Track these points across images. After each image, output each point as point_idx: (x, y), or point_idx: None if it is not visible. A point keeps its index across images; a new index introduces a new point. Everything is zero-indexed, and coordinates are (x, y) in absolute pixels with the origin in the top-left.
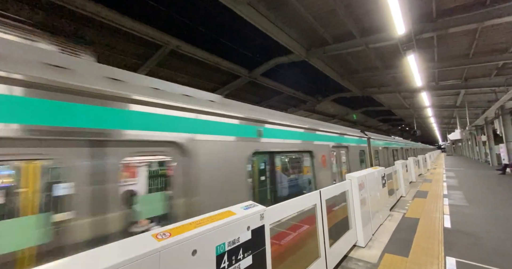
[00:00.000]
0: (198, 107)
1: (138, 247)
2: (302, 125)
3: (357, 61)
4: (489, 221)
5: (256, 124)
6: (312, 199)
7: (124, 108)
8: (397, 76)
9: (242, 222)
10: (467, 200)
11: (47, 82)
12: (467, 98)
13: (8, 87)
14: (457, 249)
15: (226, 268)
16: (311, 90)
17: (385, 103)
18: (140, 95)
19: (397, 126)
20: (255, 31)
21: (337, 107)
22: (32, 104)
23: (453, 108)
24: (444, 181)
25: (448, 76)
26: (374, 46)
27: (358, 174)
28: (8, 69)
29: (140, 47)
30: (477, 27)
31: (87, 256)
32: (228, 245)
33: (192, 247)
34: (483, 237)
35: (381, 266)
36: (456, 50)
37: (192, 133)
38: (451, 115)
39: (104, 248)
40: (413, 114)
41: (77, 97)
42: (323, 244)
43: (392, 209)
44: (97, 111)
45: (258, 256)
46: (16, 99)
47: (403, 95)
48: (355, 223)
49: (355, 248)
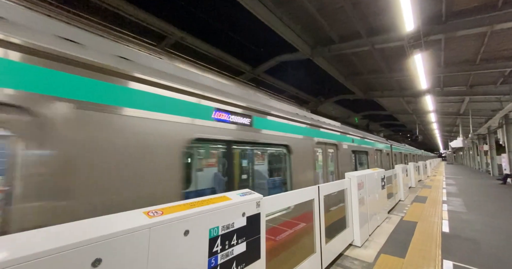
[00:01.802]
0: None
1: (127, 222)
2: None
3: (362, 63)
4: (488, 228)
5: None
6: (311, 193)
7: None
8: (401, 80)
9: (237, 208)
10: (466, 206)
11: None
12: (471, 106)
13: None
14: (455, 253)
15: (219, 252)
16: (313, 90)
17: (388, 107)
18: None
19: (398, 132)
20: (260, 26)
21: (339, 109)
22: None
23: (456, 116)
24: (443, 188)
25: (454, 82)
26: (380, 47)
27: (358, 173)
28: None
29: (144, 38)
30: (486, 31)
31: (73, 226)
32: (222, 229)
33: (185, 227)
34: (481, 243)
35: (377, 266)
36: (463, 55)
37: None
38: (453, 123)
39: (92, 220)
40: (416, 120)
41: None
42: (319, 240)
43: (390, 212)
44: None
45: (253, 243)
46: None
47: (407, 100)
48: (352, 222)
49: (351, 247)
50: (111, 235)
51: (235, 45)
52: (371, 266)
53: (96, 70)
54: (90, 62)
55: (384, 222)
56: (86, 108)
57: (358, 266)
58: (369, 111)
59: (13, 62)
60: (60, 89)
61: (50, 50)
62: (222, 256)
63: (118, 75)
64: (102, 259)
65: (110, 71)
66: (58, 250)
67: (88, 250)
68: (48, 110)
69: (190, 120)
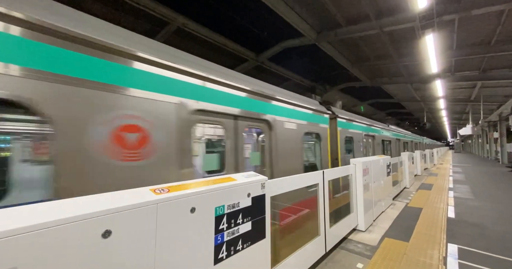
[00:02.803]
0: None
1: (134, 197)
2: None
3: (369, 48)
4: (495, 214)
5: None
6: (315, 178)
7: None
8: (410, 66)
9: (242, 188)
10: (473, 193)
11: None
12: (483, 91)
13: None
14: (460, 237)
15: (225, 230)
16: (319, 78)
17: (395, 95)
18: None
19: (405, 120)
20: (264, 9)
21: (344, 98)
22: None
23: (466, 103)
24: (450, 176)
25: (465, 66)
26: (389, 30)
27: (363, 159)
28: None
29: (146, 24)
30: (504, 9)
31: (85, 200)
32: (227, 208)
33: (191, 205)
34: (488, 228)
35: (381, 249)
36: (478, 36)
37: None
38: (463, 111)
39: (101, 196)
40: (424, 107)
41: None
42: (323, 224)
43: (395, 198)
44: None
45: (258, 223)
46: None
47: (415, 87)
48: (356, 207)
49: (355, 231)
50: (119, 208)
51: (238, 30)
52: (375, 249)
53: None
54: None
55: (389, 208)
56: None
57: (362, 249)
58: (376, 99)
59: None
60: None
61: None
62: (228, 234)
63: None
64: (112, 231)
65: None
66: (72, 219)
67: (98, 222)
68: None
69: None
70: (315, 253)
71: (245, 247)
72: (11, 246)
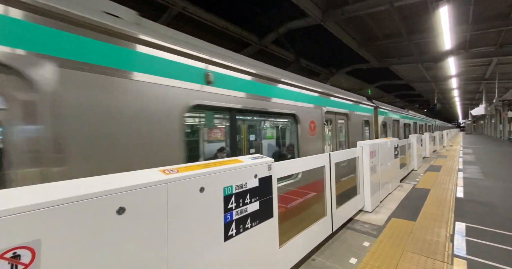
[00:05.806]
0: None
1: (145, 177)
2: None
3: (378, 26)
4: (506, 193)
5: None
6: (322, 160)
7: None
8: (421, 44)
9: (249, 169)
10: (484, 174)
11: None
12: (498, 69)
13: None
14: (468, 216)
15: (234, 209)
16: (324, 61)
17: (404, 76)
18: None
19: (414, 102)
20: None
21: (351, 80)
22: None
23: (480, 81)
24: (460, 157)
25: (481, 41)
26: (399, 5)
27: (370, 142)
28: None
29: (145, 8)
30: None
31: (99, 179)
32: (235, 188)
33: (200, 184)
34: (498, 207)
35: (387, 228)
36: (496, 8)
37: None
38: (476, 90)
39: (112, 176)
40: (435, 88)
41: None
42: (329, 205)
43: (403, 180)
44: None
45: (265, 203)
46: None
47: (426, 66)
48: (363, 189)
49: (361, 212)
50: (132, 186)
51: (240, 13)
52: (382, 229)
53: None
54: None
55: (396, 190)
56: None
57: (368, 229)
58: (383, 81)
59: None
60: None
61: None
62: (237, 213)
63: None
64: (126, 208)
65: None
66: (89, 196)
67: (113, 199)
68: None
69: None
70: (322, 232)
71: (254, 225)
72: (36, 219)
